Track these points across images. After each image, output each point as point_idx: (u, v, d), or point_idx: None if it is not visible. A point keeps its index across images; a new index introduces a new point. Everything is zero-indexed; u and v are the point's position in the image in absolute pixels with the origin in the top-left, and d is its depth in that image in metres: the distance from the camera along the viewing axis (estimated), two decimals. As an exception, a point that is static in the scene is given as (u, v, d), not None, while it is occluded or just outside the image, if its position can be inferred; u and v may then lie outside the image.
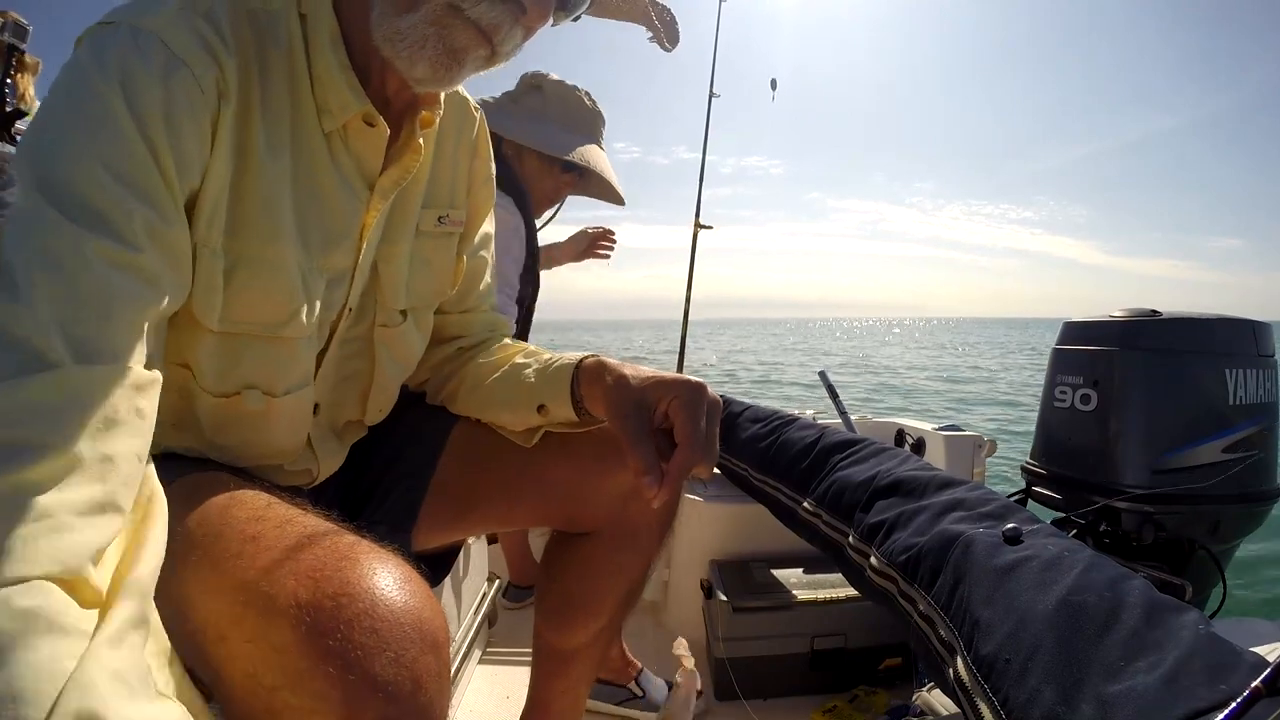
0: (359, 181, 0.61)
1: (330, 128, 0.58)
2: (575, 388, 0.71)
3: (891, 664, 1.36)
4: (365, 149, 0.60)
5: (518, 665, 1.47)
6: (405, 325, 0.72)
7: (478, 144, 0.78)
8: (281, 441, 0.66)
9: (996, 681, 0.65)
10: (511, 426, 0.79)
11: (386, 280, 0.67)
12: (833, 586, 1.38)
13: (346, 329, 0.67)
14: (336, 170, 0.59)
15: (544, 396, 0.73)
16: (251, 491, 0.53)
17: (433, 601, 0.47)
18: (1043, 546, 0.77)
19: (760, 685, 1.36)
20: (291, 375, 0.61)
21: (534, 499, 0.83)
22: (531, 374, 0.75)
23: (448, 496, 0.82)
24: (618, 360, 0.70)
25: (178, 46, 0.48)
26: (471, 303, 0.85)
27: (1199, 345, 1.40)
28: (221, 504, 0.51)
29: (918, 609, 0.85)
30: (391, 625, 0.42)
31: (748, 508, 1.46)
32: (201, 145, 0.49)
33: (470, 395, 0.81)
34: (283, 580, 0.42)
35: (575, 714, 0.95)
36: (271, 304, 0.56)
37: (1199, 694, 0.52)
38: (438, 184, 0.72)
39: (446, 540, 0.88)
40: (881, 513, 1.01)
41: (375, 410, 0.78)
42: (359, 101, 0.57)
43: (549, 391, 0.73)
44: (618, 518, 0.81)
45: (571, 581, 0.87)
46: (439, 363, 0.85)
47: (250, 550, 0.45)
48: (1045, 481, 1.53)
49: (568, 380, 0.71)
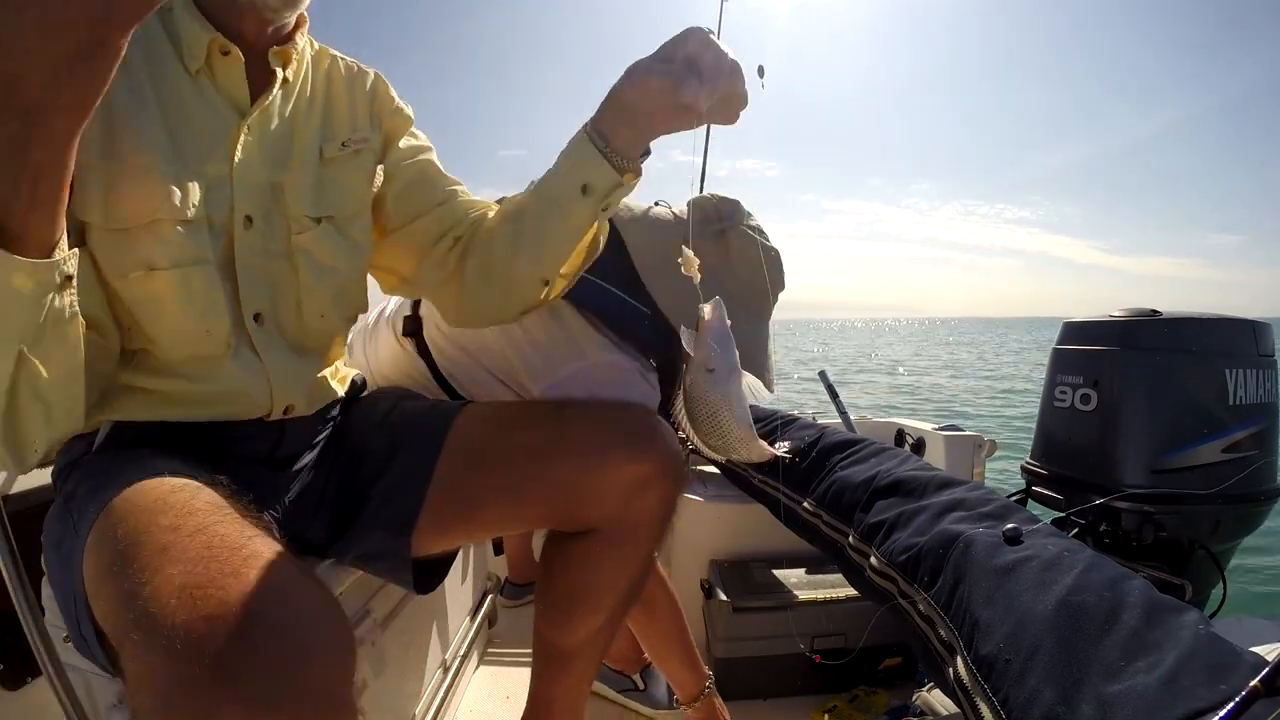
0: (229, 108, 0.73)
1: (194, 66, 0.70)
2: (599, 146, 0.73)
3: (891, 664, 1.36)
4: (228, 79, 0.72)
5: (518, 665, 1.48)
6: (322, 229, 0.78)
7: (377, 90, 0.87)
8: (204, 326, 0.69)
9: (996, 681, 0.65)
10: (568, 240, 0.78)
11: (291, 196, 0.75)
12: (833, 586, 1.38)
13: (260, 239, 0.73)
14: (204, 101, 0.71)
15: (578, 179, 0.74)
16: (185, 495, 0.55)
17: (328, 614, 0.47)
18: (1043, 546, 0.77)
19: (760, 685, 1.36)
20: (176, 252, 0.67)
21: (539, 498, 0.83)
22: (549, 180, 0.77)
23: (451, 499, 0.82)
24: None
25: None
26: (440, 196, 0.86)
27: (1199, 345, 1.40)
28: (151, 510, 0.53)
29: (918, 609, 0.85)
30: (270, 644, 0.42)
31: (748, 508, 1.46)
32: None
33: (510, 244, 0.81)
34: (166, 599, 0.43)
35: (576, 713, 0.95)
36: (144, 196, 0.65)
37: (1199, 694, 0.52)
38: (335, 119, 0.81)
39: (453, 543, 0.88)
40: (881, 513, 1.01)
41: (314, 316, 0.79)
42: (208, 32, 0.70)
43: (578, 172, 0.74)
44: (619, 514, 0.82)
45: (573, 578, 0.87)
46: (442, 258, 0.85)
47: (155, 563, 0.47)
48: (1045, 481, 1.53)
49: (589, 146, 0.73)
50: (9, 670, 0.90)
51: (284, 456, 0.80)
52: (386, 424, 0.88)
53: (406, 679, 1.06)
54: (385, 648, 0.92)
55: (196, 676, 0.40)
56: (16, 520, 0.78)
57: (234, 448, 0.75)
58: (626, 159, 0.73)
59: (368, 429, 0.88)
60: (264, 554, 0.49)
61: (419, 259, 0.86)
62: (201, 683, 0.40)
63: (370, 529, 0.81)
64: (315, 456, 0.85)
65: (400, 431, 0.86)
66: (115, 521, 0.53)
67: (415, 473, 0.82)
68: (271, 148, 0.75)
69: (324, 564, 0.81)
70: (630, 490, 0.81)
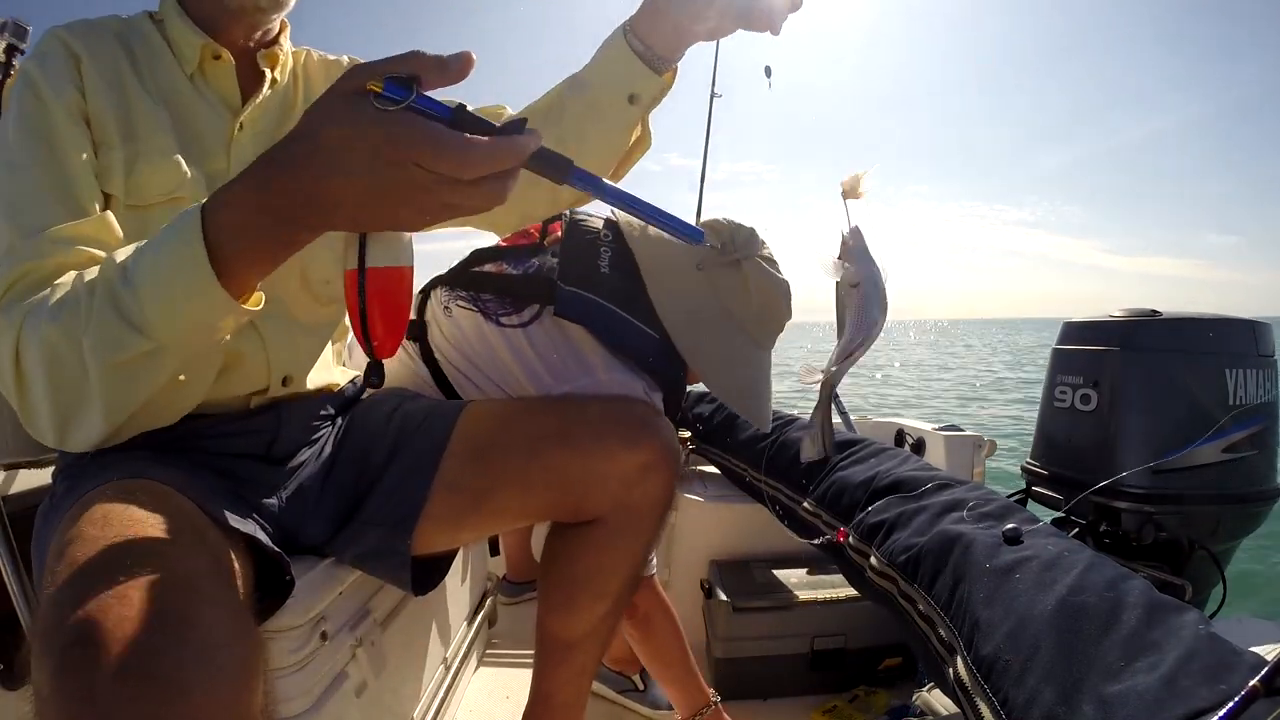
0: (223, 108, 0.78)
1: (189, 70, 0.77)
2: (639, 51, 0.72)
3: (891, 664, 1.36)
4: (220, 81, 0.78)
5: (518, 666, 1.48)
6: None
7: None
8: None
9: (996, 681, 0.65)
10: (613, 146, 0.78)
11: None
12: (833, 586, 1.38)
13: None
14: (203, 101, 0.77)
15: (623, 88, 0.74)
16: (135, 502, 0.54)
17: (228, 640, 0.44)
18: (1043, 547, 0.77)
19: (760, 685, 1.36)
20: None
21: (544, 489, 0.84)
22: (590, 86, 0.76)
23: (456, 493, 0.82)
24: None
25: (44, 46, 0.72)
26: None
27: (1199, 345, 1.40)
28: (91, 518, 0.51)
29: (918, 609, 0.85)
30: (148, 675, 0.39)
31: (748, 508, 1.47)
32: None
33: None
34: (64, 615, 0.42)
35: (578, 706, 0.96)
36: (163, 175, 0.71)
37: (1199, 694, 0.52)
38: None
39: (458, 539, 0.88)
40: (881, 513, 1.01)
41: (320, 283, 0.81)
42: (200, 38, 0.76)
43: (623, 80, 0.73)
44: (622, 500, 0.84)
45: (576, 565, 0.88)
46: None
47: (75, 576, 0.45)
48: (1045, 481, 1.53)
49: (630, 54, 0.72)
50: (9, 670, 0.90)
51: (280, 454, 0.80)
52: (390, 423, 0.88)
53: (406, 679, 1.06)
54: (385, 648, 0.92)
55: (69, 709, 0.39)
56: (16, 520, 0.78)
57: (230, 444, 0.75)
58: (666, 62, 0.73)
59: (370, 428, 0.88)
60: (174, 574, 0.46)
61: None
62: (73, 715, 0.38)
63: (370, 526, 0.81)
64: (314, 454, 0.85)
65: (404, 429, 0.86)
66: (66, 524, 0.53)
67: (419, 469, 0.82)
68: (264, 144, 0.76)
69: (323, 563, 0.81)
70: (631, 478, 0.83)
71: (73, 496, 0.58)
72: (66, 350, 0.54)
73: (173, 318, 0.52)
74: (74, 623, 0.41)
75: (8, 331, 0.57)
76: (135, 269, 0.53)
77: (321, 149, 0.46)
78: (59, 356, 0.55)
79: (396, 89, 0.44)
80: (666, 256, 1.02)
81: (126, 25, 0.78)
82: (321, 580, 0.78)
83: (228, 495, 0.70)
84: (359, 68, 0.46)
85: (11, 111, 0.68)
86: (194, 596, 0.46)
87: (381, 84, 0.44)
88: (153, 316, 0.52)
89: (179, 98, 0.76)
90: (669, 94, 0.78)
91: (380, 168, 0.44)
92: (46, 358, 0.55)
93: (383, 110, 0.44)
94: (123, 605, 0.42)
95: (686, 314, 1.00)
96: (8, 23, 1.05)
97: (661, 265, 1.02)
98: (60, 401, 0.57)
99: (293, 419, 0.81)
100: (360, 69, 0.46)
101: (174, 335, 0.53)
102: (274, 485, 0.79)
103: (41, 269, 0.60)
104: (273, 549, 0.64)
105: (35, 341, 0.55)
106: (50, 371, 0.55)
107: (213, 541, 0.56)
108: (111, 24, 0.77)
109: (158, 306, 0.52)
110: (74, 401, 0.57)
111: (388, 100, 0.44)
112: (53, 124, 0.67)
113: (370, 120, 0.44)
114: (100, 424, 0.57)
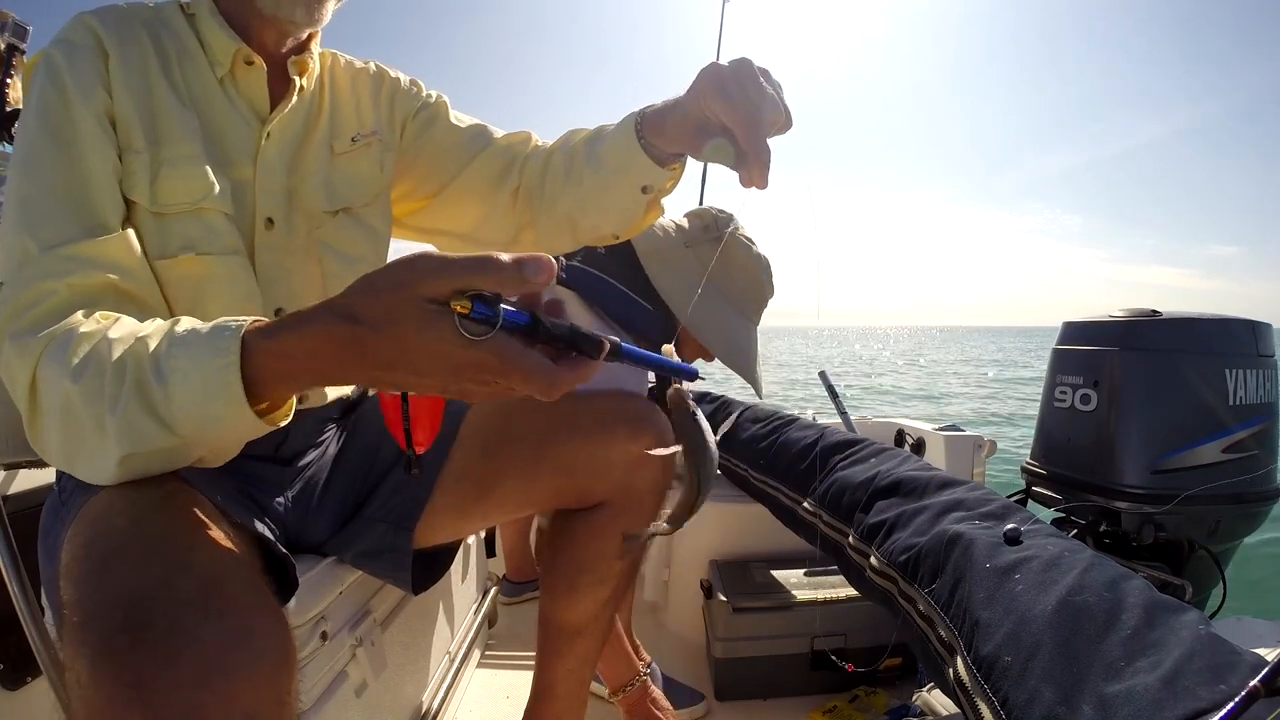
0: (251, 115, 0.77)
1: (220, 73, 0.75)
2: (649, 151, 0.74)
3: (891, 664, 1.36)
4: (251, 87, 0.76)
5: (518, 666, 1.48)
6: (339, 220, 0.81)
7: (383, 80, 0.90)
8: (246, 310, 0.68)
9: (996, 682, 0.65)
10: (628, 212, 0.81)
11: (306, 196, 0.79)
12: (833, 586, 1.38)
13: (282, 239, 0.76)
14: (232, 107, 0.75)
15: (635, 179, 0.77)
16: (157, 495, 0.54)
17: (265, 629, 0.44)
18: (1043, 547, 0.77)
19: (760, 685, 1.36)
20: (217, 240, 0.70)
21: (550, 476, 0.86)
22: (605, 170, 0.79)
23: (464, 483, 0.84)
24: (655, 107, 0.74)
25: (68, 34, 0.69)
26: (476, 147, 0.89)
27: (1199, 345, 1.40)
28: (115, 511, 0.52)
29: (918, 609, 0.85)
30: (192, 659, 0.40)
31: (748, 508, 1.46)
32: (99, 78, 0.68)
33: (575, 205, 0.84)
34: (104, 602, 0.42)
35: (579, 699, 0.97)
36: (189, 183, 0.69)
37: (1199, 694, 0.52)
38: (342, 116, 0.85)
39: (464, 530, 0.90)
40: (881, 513, 1.01)
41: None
42: (235, 42, 0.74)
43: (634, 172, 0.76)
44: (624, 484, 0.87)
45: (579, 549, 0.90)
46: (510, 203, 0.88)
47: (97, 568, 0.46)
48: (1045, 481, 1.53)
49: (641, 152, 0.74)
50: (9, 670, 0.90)
51: (289, 453, 0.81)
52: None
53: (406, 679, 1.06)
54: (385, 648, 0.92)
55: (113, 692, 0.38)
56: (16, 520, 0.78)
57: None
58: (675, 157, 0.76)
59: (380, 425, 0.88)
60: (209, 563, 0.47)
61: (483, 209, 0.89)
62: (118, 699, 0.38)
63: (373, 522, 0.82)
64: (320, 454, 0.85)
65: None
66: (88, 518, 0.53)
67: (428, 464, 0.83)
68: (289, 153, 0.79)
69: (324, 564, 0.81)
70: (632, 463, 0.86)
71: (88, 492, 0.57)
72: (86, 416, 0.52)
73: (203, 426, 0.51)
74: (116, 609, 0.42)
75: (25, 360, 0.55)
76: (169, 369, 0.50)
77: (394, 347, 0.44)
78: (78, 418, 0.53)
79: (483, 308, 0.42)
80: (657, 238, 1.15)
81: (156, 15, 0.76)
82: (322, 580, 0.78)
83: (238, 494, 0.70)
84: (432, 265, 0.43)
85: (33, 101, 0.66)
86: (231, 584, 0.46)
87: (467, 304, 0.42)
88: (182, 418, 0.50)
89: (208, 102, 0.74)
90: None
91: (459, 380, 0.44)
92: (63, 410, 0.53)
93: (472, 340, 0.42)
94: (164, 591, 0.43)
95: (684, 286, 1.12)
96: (7, 22, 1.05)
97: (655, 245, 1.14)
98: (72, 446, 0.55)
99: (303, 420, 0.81)
100: (434, 265, 0.43)
101: (202, 438, 0.53)
102: (280, 485, 0.80)
103: (58, 291, 0.58)
104: (280, 550, 0.64)
105: (55, 391, 0.53)
106: (65, 422, 0.53)
107: (234, 536, 0.57)
108: (141, 12, 0.75)
109: (188, 412, 0.50)
110: (88, 451, 0.54)
111: (474, 323, 0.42)
112: (76, 125, 0.65)
113: (459, 345, 0.42)
114: (112, 473, 0.54)
